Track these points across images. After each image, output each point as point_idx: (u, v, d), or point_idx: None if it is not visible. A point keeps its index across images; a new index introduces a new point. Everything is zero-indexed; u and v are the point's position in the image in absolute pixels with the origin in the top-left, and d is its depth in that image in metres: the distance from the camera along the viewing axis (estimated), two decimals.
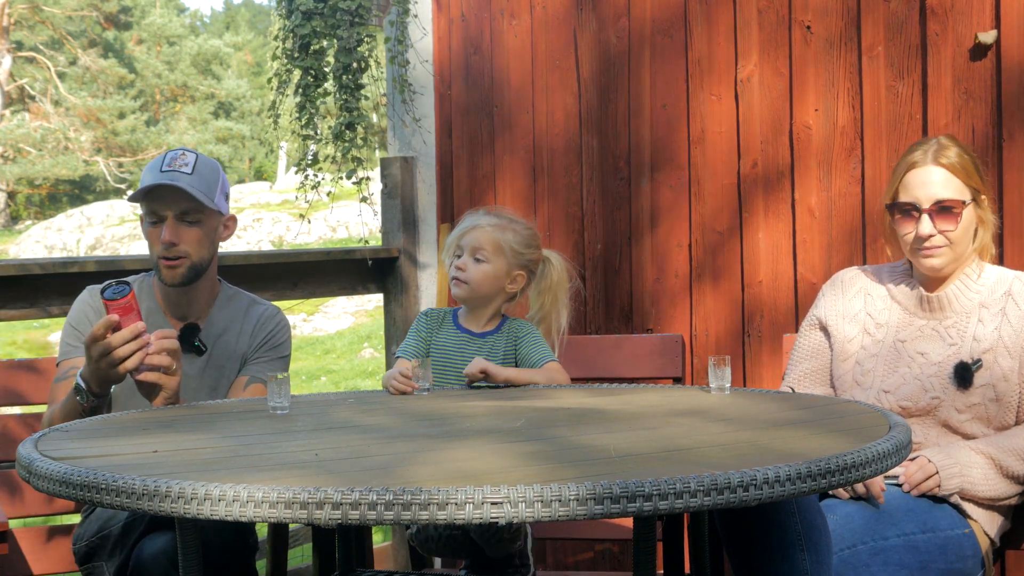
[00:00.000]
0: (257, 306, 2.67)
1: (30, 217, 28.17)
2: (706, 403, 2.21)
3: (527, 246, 2.63)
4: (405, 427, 1.99)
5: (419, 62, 4.07)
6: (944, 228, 2.38)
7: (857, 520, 2.23)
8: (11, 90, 29.12)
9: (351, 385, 10.66)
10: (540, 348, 2.59)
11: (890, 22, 3.15)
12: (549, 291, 2.66)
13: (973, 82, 3.01)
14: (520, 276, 2.63)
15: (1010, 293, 2.41)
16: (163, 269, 2.50)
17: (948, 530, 2.29)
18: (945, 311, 2.45)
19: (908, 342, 2.46)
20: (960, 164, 2.39)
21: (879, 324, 2.52)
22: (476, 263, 2.60)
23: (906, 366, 2.43)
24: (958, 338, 2.41)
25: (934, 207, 2.38)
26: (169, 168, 2.47)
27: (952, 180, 2.39)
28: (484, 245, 2.60)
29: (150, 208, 2.49)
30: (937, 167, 2.39)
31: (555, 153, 3.79)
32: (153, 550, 2.19)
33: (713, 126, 3.47)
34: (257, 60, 38.02)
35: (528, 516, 1.37)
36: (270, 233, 17.10)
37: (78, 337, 2.50)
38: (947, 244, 2.39)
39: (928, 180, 2.39)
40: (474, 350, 2.60)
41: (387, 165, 4.17)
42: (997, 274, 2.47)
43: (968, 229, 2.41)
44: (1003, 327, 2.39)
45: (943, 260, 2.41)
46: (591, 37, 3.70)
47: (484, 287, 2.61)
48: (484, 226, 2.61)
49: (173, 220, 2.47)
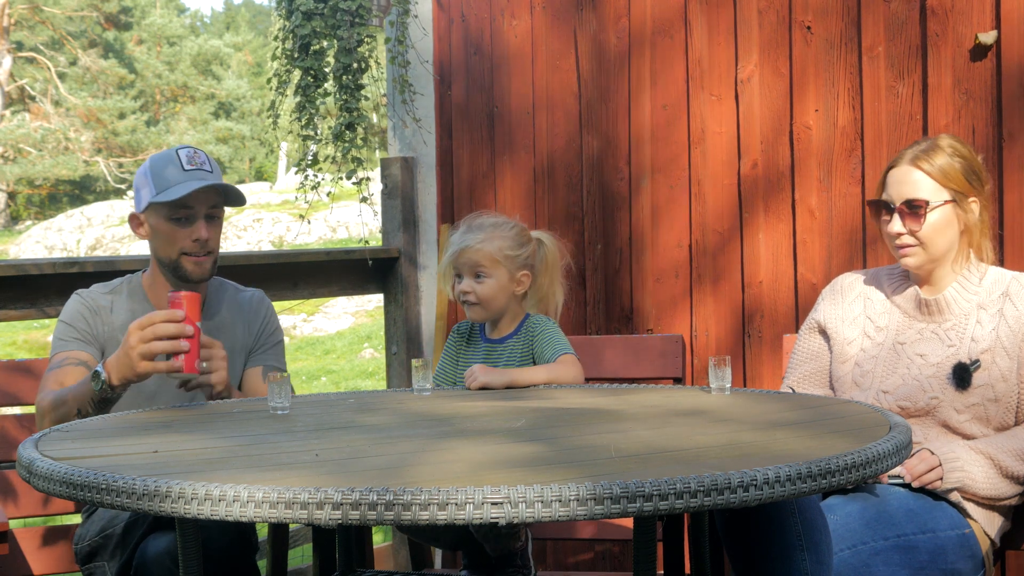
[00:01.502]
0: (242, 293, 2.70)
1: (30, 217, 28.17)
2: (706, 403, 2.21)
3: (520, 246, 2.63)
4: (405, 427, 1.99)
5: (419, 62, 4.07)
6: (911, 227, 2.42)
7: (857, 520, 2.23)
8: (11, 90, 29.12)
9: (351, 385, 10.66)
10: (553, 344, 2.59)
11: (890, 22, 3.15)
12: (546, 272, 2.68)
13: (973, 82, 3.01)
14: (524, 276, 2.64)
15: (1007, 294, 2.42)
16: (190, 265, 2.51)
17: (948, 530, 2.29)
18: (944, 314, 2.45)
19: (907, 344, 2.47)
20: (941, 167, 2.41)
21: (879, 328, 2.52)
22: (479, 282, 2.60)
23: (905, 367, 2.44)
24: (956, 339, 2.42)
25: (904, 206, 2.43)
26: (193, 167, 2.50)
27: (925, 180, 2.41)
28: (481, 262, 2.60)
29: (181, 205, 2.49)
30: (912, 167, 2.43)
31: (555, 153, 3.79)
32: (157, 550, 2.20)
33: (713, 126, 3.47)
34: (257, 60, 38.01)
35: (528, 516, 1.37)
36: (270, 233, 17.10)
37: (72, 331, 2.51)
38: (917, 244, 2.42)
39: (902, 179, 2.44)
40: (495, 357, 2.63)
41: (387, 165, 4.17)
42: (996, 275, 2.47)
43: (941, 230, 2.42)
44: (1000, 327, 2.39)
45: (916, 260, 2.44)
46: (591, 37, 3.70)
47: (496, 302, 2.61)
48: (473, 244, 2.61)
49: (204, 218, 2.51)
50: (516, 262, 2.62)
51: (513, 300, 2.64)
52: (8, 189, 28.02)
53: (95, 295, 2.57)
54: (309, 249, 5.36)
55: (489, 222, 2.66)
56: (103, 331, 2.53)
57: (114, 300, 2.57)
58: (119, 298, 2.58)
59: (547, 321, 2.65)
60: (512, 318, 2.66)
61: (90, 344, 2.51)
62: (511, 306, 2.64)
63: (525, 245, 2.64)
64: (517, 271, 2.62)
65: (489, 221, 2.67)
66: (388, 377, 4.24)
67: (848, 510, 2.25)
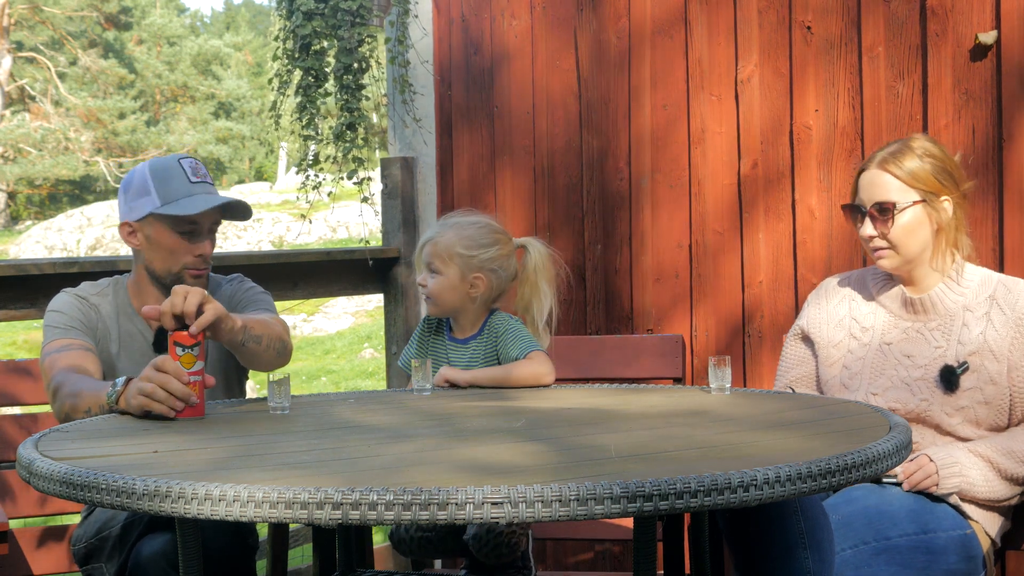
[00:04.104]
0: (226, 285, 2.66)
1: (30, 217, 28.16)
2: (706, 403, 2.21)
3: (481, 247, 2.56)
4: (405, 427, 1.99)
5: (419, 62, 4.07)
6: (881, 229, 2.43)
7: (859, 520, 2.23)
8: (11, 90, 29.12)
9: (351, 385, 10.66)
10: (518, 342, 2.52)
11: (890, 22, 3.15)
12: (527, 280, 2.60)
13: (973, 82, 3.01)
14: (478, 279, 2.55)
15: (994, 298, 2.42)
16: (190, 280, 2.50)
17: (950, 531, 2.29)
18: (929, 313, 2.46)
19: (894, 344, 2.47)
20: (910, 169, 2.42)
21: (865, 328, 2.53)
22: (432, 276, 2.57)
23: (892, 369, 2.44)
24: (943, 341, 2.42)
25: (874, 209, 2.44)
26: (198, 180, 2.49)
27: (892, 182, 2.42)
28: (434, 257, 2.56)
29: (188, 219, 2.47)
30: (880, 170, 2.44)
31: (555, 153, 3.79)
32: (151, 551, 2.19)
33: (713, 126, 3.47)
34: (257, 60, 38.01)
35: (528, 516, 1.37)
36: (270, 233, 17.10)
37: (67, 319, 2.48)
38: (888, 246, 2.43)
39: (871, 182, 2.45)
40: (457, 357, 2.60)
41: (387, 165, 4.17)
42: (980, 276, 2.47)
43: (912, 231, 2.42)
44: (988, 331, 2.39)
45: (891, 262, 2.45)
46: (591, 37, 3.70)
47: (445, 298, 2.56)
48: (435, 238, 2.57)
49: (208, 233, 2.51)
50: (470, 262, 2.54)
51: (468, 301, 2.57)
52: (8, 189, 28.02)
53: (84, 292, 2.56)
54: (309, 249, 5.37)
55: (458, 220, 2.60)
56: (97, 324, 2.52)
57: (101, 302, 2.56)
58: (105, 300, 2.56)
59: (509, 319, 2.58)
60: (474, 319, 2.60)
61: (86, 334, 2.48)
62: (467, 306, 2.58)
63: (489, 248, 2.56)
64: (470, 272, 2.55)
65: (460, 219, 2.60)
66: (388, 377, 4.24)
67: (850, 510, 2.25)
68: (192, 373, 2.11)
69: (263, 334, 2.35)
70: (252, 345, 2.33)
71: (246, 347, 2.32)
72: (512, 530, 2.28)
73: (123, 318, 2.54)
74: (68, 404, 2.25)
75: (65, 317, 2.49)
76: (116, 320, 2.54)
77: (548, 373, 2.50)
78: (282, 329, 2.44)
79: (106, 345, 2.52)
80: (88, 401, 2.22)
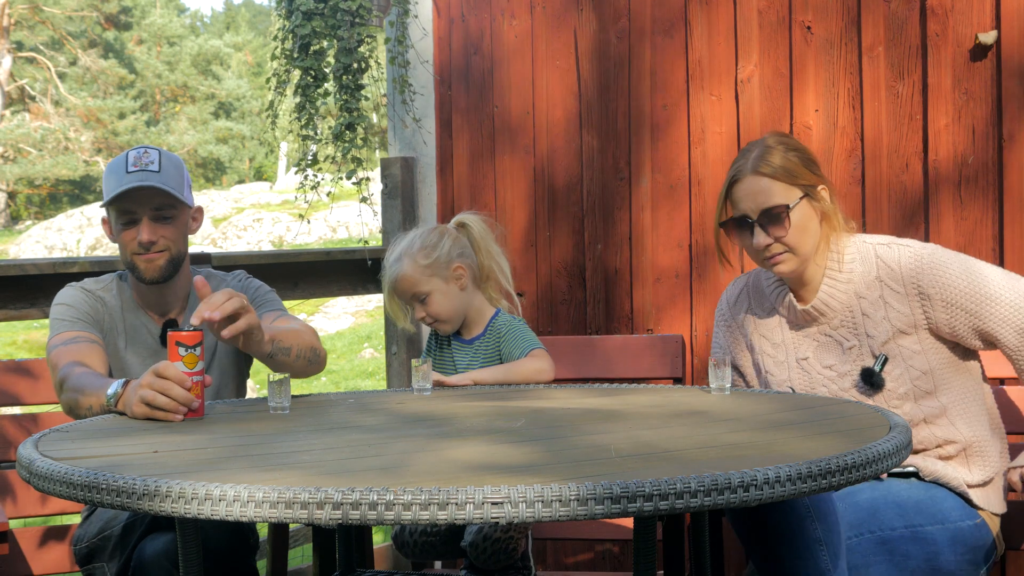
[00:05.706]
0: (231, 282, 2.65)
1: (30, 217, 28.16)
2: (706, 403, 2.21)
3: (433, 248, 2.62)
4: (405, 427, 1.99)
5: (419, 62, 4.07)
6: (776, 234, 2.36)
7: (864, 508, 2.22)
8: (11, 90, 29.13)
9: (351, 385, 10.66)
10: (520, 341, 2.61)
11: (890, 22, 3.15)
12: (480, 249, 2.68)
13: (973, 82, 3.01)
14: (457, 269, 2.63)
15: (881, 279, 2.37)
16: (141, 265, 2.50)
17: (959, 521, 2.28)
18: (827, 315, 2.41)
19: (811, 358, 2.43)
20: (783, 167, 2.36)
21: (775, 344, 2.49)
22: (425, 304, 2.62)
23: (822, 386, 2.41)
24: (853, 338, 2.38)
25: (763, 216, 2.36)
26: (136, 168, 2.46)
27: (774, 185, 2.36)
28: (411, 287, 2.62)
29: (122, 209, 2.48)
30: (757, 176, 2.37)
31: (555, 153, 3.79)
32: (154, 551, 2.19)
33: (713, 126, 3.47)
34: (257, 60, 38.01)
35: (528, 516, 1.37)
36: (270, 233, 17.11)
37: (74, 312, 2.48)
38: (786, 250, 2.37)
39: (751, 191, 2.37)
40: (462, 357, 2.66)
41: (387, 165, 4.17)
42: (859, 256, 2.41)
43: (805, 228, 2.37)
44: (890, 314, 2.35)
45: (789, 265, 2.38)
46: (591, 37, 3.70)
47: (451, 309, 2.63)
48: (396, 276, 2.62)
49: (148, 219, 2.48)
50: (440, 264, 2.61)
51: (465, 296, 2.65)
52: (8, 189, 28.02)
53: (89, 286, 2.58)
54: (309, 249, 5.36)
55: (398, 250, 2.65)
56: (103, 317, 2.53)
57: (106, 295, 2.57)
58: (110, 294, 2.58)
59: (513, 320, 2.66)
60: (479, 313, 2.67)
61: (92, 326, 2.49)
62: (470, 300, 2.66)
63: (440, 243, 2.63)
64: (447, 271, 2.62)
65: (398, 248, 2.66)
66: (388, 377, 4.23)
67: (854, 500, 2.25)
68: (194, 373, 2.11)
69: (292, 345, 2.38)
70: (281, 357, 2.35)
71: (274, 359, 2.35)
72: (509, 535, 2.29)
73: (128, 312, 2.56)
74: (72, 399, 2.26)
75: (72, 310, 2.50)
76: (121, 314, 2.55)
77: (548, 369, 2.57)
78: (312, 336, 2.46)
79: (113, 338, 2.53)
80: (90, 398, 2.23)
